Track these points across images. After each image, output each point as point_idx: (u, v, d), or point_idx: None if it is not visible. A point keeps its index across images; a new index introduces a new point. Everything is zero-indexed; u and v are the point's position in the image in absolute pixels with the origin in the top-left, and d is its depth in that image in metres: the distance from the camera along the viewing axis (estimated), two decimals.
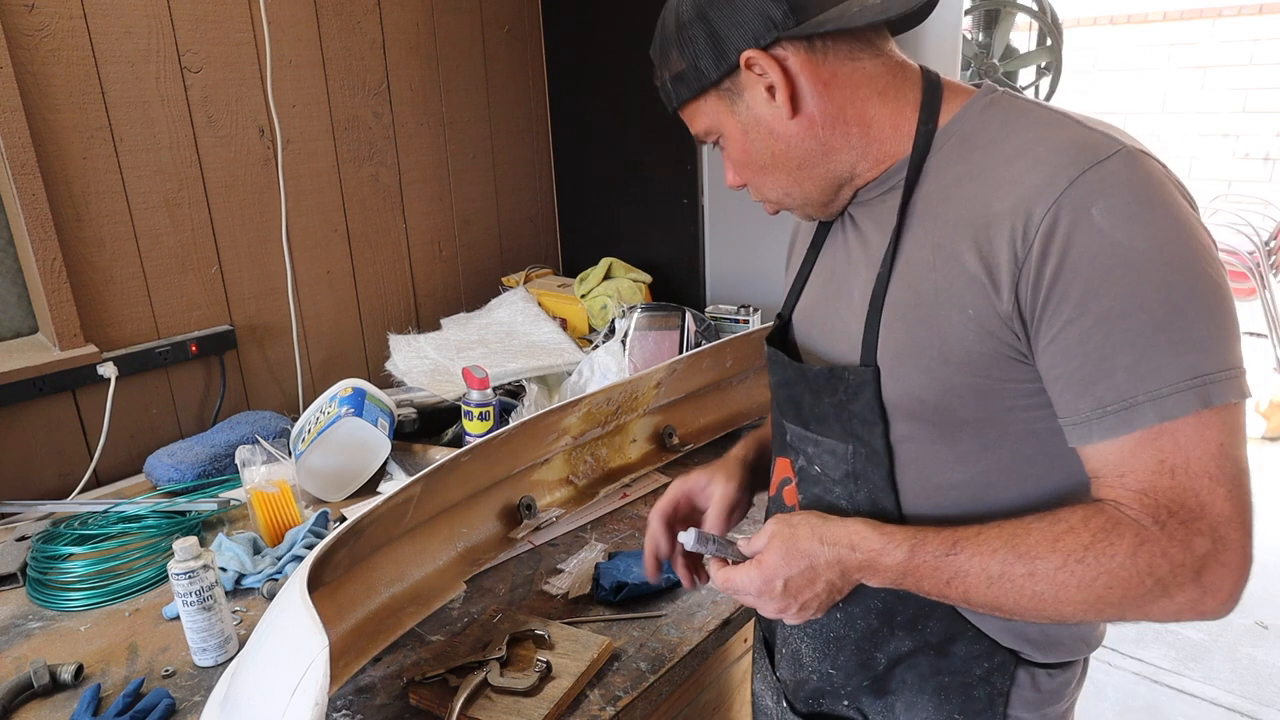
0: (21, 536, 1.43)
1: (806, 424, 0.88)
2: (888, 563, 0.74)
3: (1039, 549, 0.69)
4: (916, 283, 0.77)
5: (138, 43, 1.65)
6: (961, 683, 0.84)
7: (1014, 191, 0.70)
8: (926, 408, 0.77)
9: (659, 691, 1.08)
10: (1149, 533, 0.66)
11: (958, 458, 0.79)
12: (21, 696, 1.07)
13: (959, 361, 0.74)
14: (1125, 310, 0.65)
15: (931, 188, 0.78)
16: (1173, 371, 0.65)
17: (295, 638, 0.83)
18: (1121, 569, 0.66)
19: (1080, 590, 0.68)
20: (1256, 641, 2.73)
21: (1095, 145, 0.68)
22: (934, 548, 0.73)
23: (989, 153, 0.74)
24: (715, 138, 0.86)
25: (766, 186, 0.87)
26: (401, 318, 2.21)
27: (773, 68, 0.77)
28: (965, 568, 0.71)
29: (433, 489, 1.16)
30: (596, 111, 2.39)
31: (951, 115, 0.79)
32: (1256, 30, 6.07)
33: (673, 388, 1.59)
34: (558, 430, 1.39)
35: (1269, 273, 4.85)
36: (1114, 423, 0.67)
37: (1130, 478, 0.68)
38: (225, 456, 1.64)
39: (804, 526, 0.78)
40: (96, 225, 1.65)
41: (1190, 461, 0.65)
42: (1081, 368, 0.68)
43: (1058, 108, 0.76)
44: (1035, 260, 0.68)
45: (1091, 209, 0.66)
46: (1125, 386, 0.66)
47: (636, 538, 1.40)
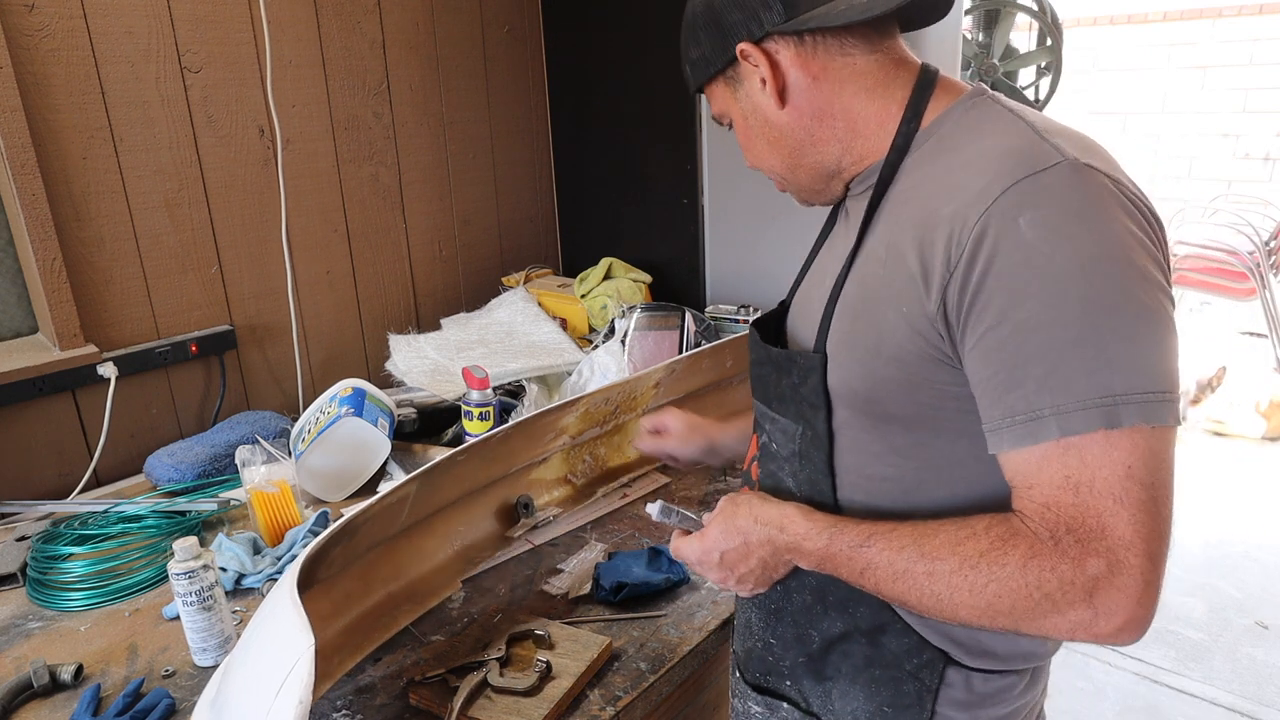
0: (21, 536, 1.43)
1: (769, 403, 0.92)
2: (809, 548, 0.79)
3: (941, 551, 0.71)
4: (867, 278, 0.79)
5: (138, 43, 1.65)
6: (892, 676, 0.86)
7: (957, 196, 0.71)
8: (859, 398, 0.80)
9: (659, 691, 1.08)
10: (1042, 546, 0.66)
11: (890, 450, 0.80)
12: (21, 696, 1.07)
13: (889, 356, 0.76)
14: (1041, 322, 0.65)
15: (901, 187, 0.80)
16: (1081, 388, 0.64)
17: (283, 637, 0.83)
18: (1010, 579, 0.67)
19: (971, 595, 0.69)
20: (1256, 641, 2.73)
21: (1037, 155, 0.69)
22: (850, 538, 0.76)
23: (951, 157, 0.76)
24: (727, 120, 0.92)
25: (768, 167, 0.92)
26: (401, 318, 2.21)
27: (762, 60, 0.82)
28: (875, 561, 0.74)
29: (429, 488, 1.16)
30: (596, 111, 2.39)
31: (934, 116, 0.80)
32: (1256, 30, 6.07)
33: (672, 388, 1.59)
34: (555, 430, 1.39)
35: (1269, 273, 4.85)
36: (1021, 433, 0.67)
37: (1036, 490, 0.68)
38: (225, 456, 1.64)
39: (744, 506, 0.85)
40: (96, 225, 1.65)
41: (1095, 481, 0.65)
42: (996, 375, 0.68)
43: (1032, 115, 0.75)
44: (964, 266, 0.68)
45: (1020, 218, 0.66)
46: (1034, 398, 0.66)
47: (636, 538, 1.40)
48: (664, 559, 1.27)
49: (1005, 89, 3.46)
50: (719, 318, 2.03)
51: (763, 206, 2.09)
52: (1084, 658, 2.69)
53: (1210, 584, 3.02)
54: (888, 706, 0.87)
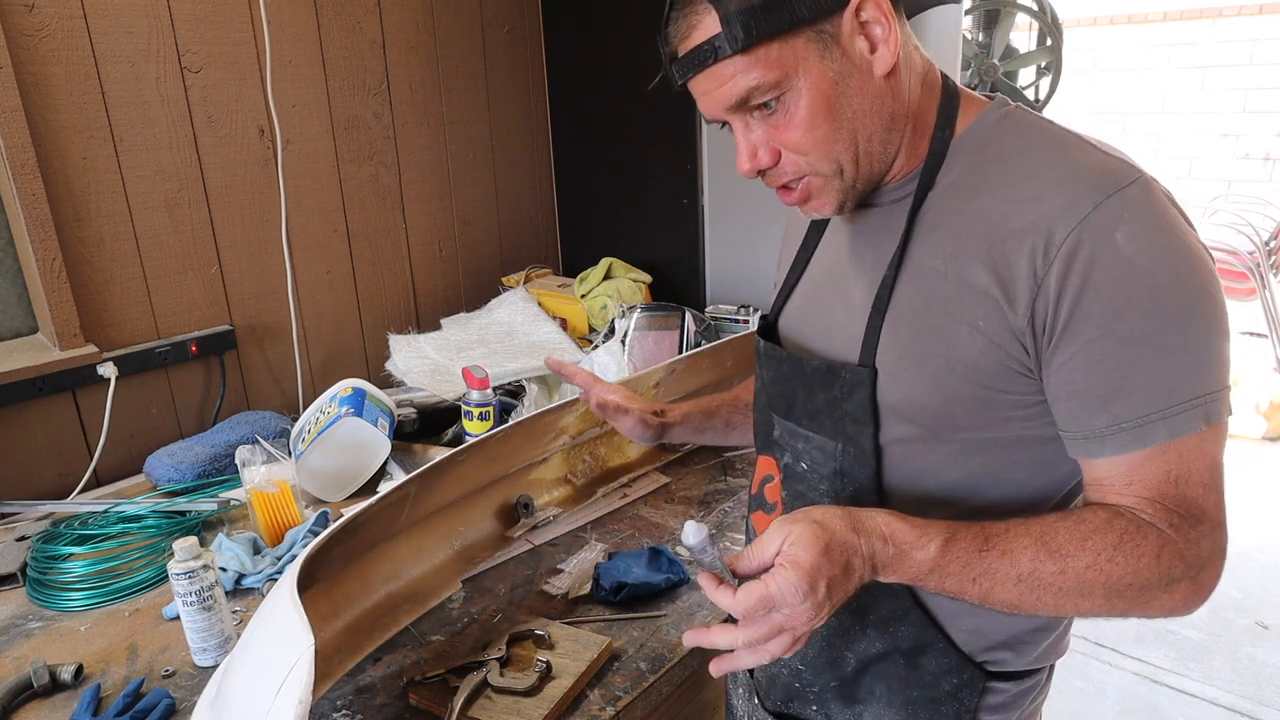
0: (21, 536, 1.43)
1: (798, 420, 0.87)
2: (919, 557, 0.71)
3: (1068, 548, 0.70)
4: (927, 290, 0.77)
5: (138, 43, 1.65)
6: (929, 697, 0.84)
7: (1032, 210, 0.71)
8: (926, 413, 0.77)
9: (659, 691, 1.08)
10: (1168, 536, 0.69)
11: (947, 460, 0.79)
12: (21, 696, 1.07)
13: (963, 371, 0.75)
14: (1145, 333, 0.68)
15: (946, 197, 0.78)
16: (1182, 391, 0.68)
17: (283, 637, 0.83)
18: (1147, 569, 0.69)
19: (1105, 589, 0.70)
20: (1256, 641, 2.73)
21: (1116, 171, 0.70)
22: (966, 543, 0.71)
23: (1005, 167, 0.75)
24: (775, 94, 0.74)
25: (828, 155, 0.77)
26: (401, 318, 2.21)
27: (890, 13, 0.73)
28: (994, 565, 0.71)
29: (429, 487, 1.16)
30: (596, 112, 2.39)
31: (966, 125, 0.79)
32: (1256, 30, 6.07)
33: (672, 388, 1.59)
34: (555, 429, 1.39)
35: (1269, 273, 4.85)
36: (1128, 439, 0.70)
37: (1138, 486, 0.71)
38: (225, 456, 1.64)
39: (834, 519, 0.70)
40: (96, 225, 1.65)
41: (1190, 473, 0.70)
42: (1100, 385, 0.70)
43: (1069, 128, 0.76)
44: (1056, 279, 0.69)
45: (1115, 233, 0.68)
46: (1141, 405, 0.69)
47: (636, 538, 1.40)
48: (664, 559, 1.27)
49: (1005, 89, 3.46)
50: (719, 318, 2.03)
51: (763, 206, 2.09)
52: (1084, 658, 2.69)
53: None
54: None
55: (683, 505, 1.49)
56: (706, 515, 1.45)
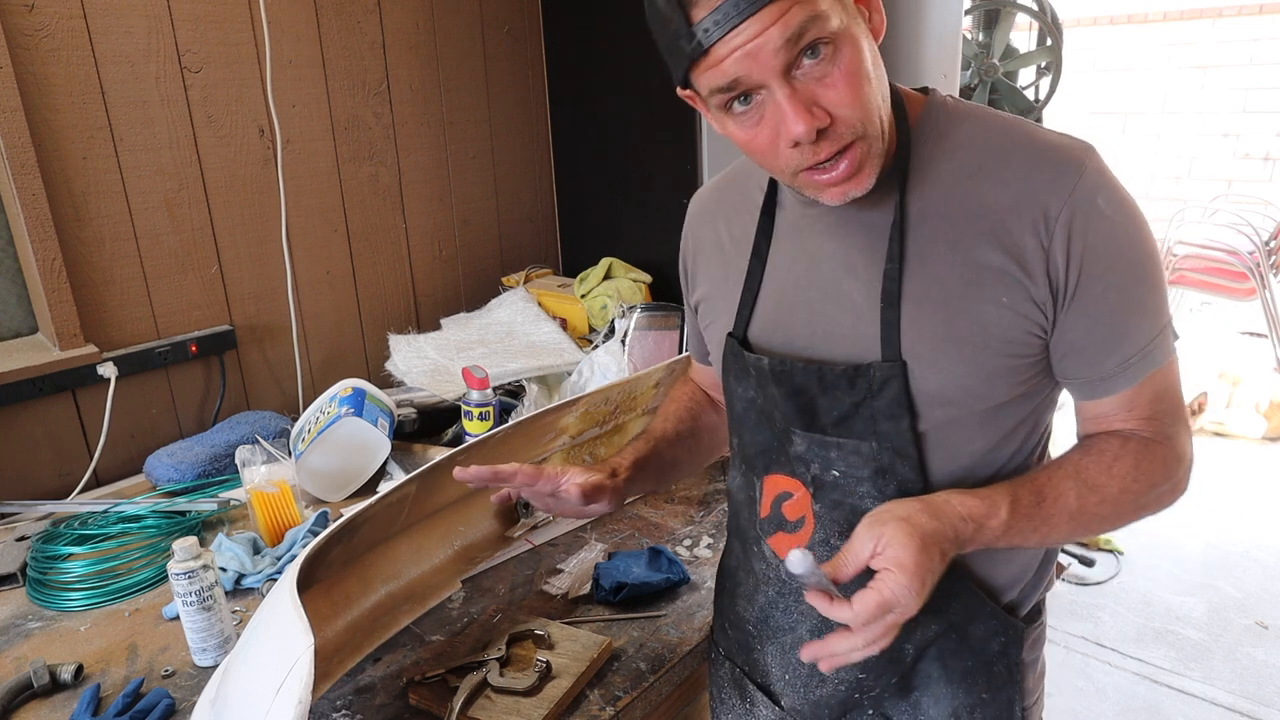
0: (21, 536, 1.43)
1: (824, 429, 0.84)
2: (994, 525, 0.77)
3: (1100, 478, 0.79)
4: (941, 278, 0.79)
5: (138, 43, 1.65)
6: (983, 663, 0.88)
7: (1019, 188, 0.77)
8: (969, 392, 0.80)
9: (659, 691, 1.08)
10: (1166, 445, 0.81)
11: (978, 428, 0.84)
12: (21, 696, 1.07)
13: (997, 346, 0.79)
14: (1132, 280, 0.78)
15: (924, 186, 0.81)
16: (1161, 319, 0.80)
17: (282, 636, 0.83)
18: (1160, 479, 0.80)
19: (1134, 504, 0.81)
20: (1256, 641, 2.73)
21: (1077, 146, 0.79)
22: (1028, 500, 0.78)
23: (976, 152, 0.80)
24: (814, 39, 0.69)
25: (873, 116, 0.74)
26: (401, 318, 2.21)
27: None
28: (1051, 513, 0.79)
29: (429, 487, 1.16)
30: (596, 111, 2.39)
31: (917, 118, 0.83)
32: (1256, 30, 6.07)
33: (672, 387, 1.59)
34: (555, 430, 1.39)
35: (1269, 273, 4.85)
36: (1135, 372, 0.80)
37: (1137, 409, 0.82)
38: (225, 456, 1.64)
39: (917, 513, 0.73)
40: (96, 225, 1.65)
41: (1171, 383, 0.82)
42: (1108, 331, 0.79)
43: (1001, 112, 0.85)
44: (1060, 247, 0.76)
45: (1097, 199, 0.76)
46: (1141, 341, 0.79)
47: (636, 537, 1.40)
48: (664, 559, 1.28)
49: (1005, 89, 3.46)
50: None
51: None
52: (1084, 658, 2.69)
53: (1210, 584, 3.02)
54: (985, 693, 0.89)
55: (682, 505, 1.49)
56: (706, 515, 1.45)
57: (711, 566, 1.31)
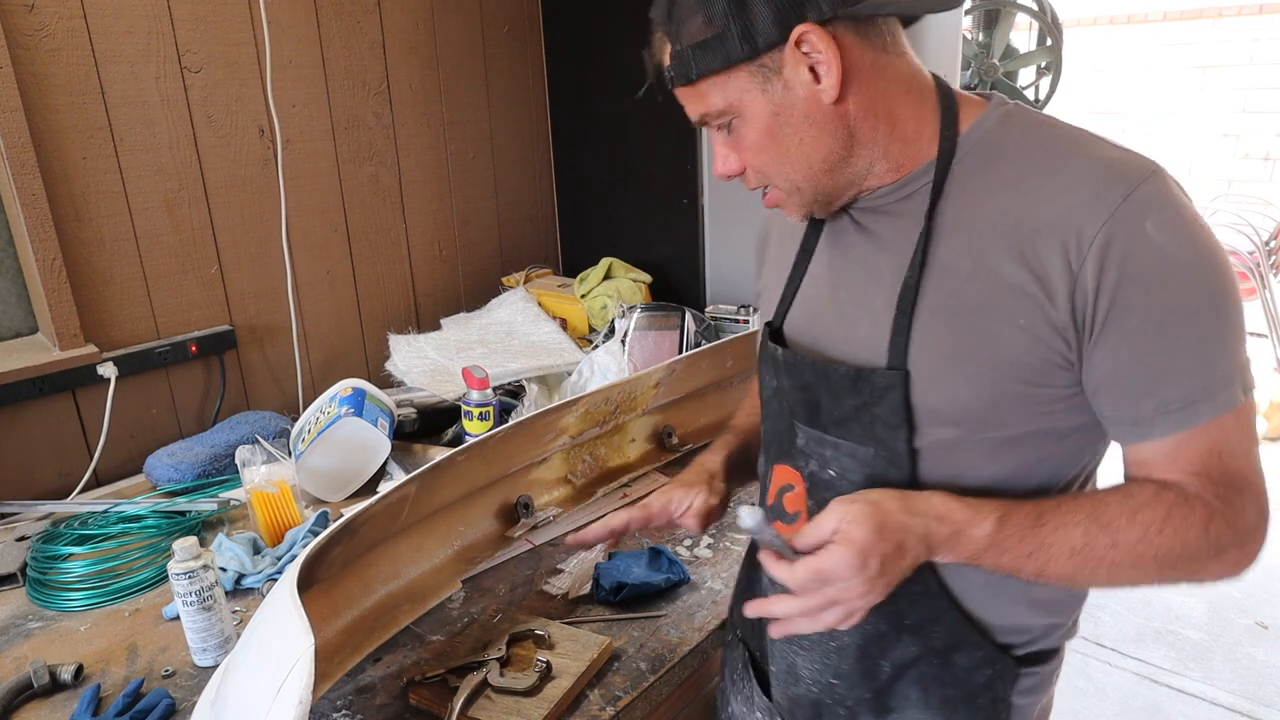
0: (21, 536, 1.43)
1: (825, 427, 0.85)
2: (975, 534, 0.74)
3: (1119, 521, 0.73)
4: (958, 291, 0.76)
5: (138, 43, 1.65)
6: (966, 693, 0.84)
7: (1056, 206, 0.72)
8: (970, 414, 0.77)
9: (659, 691, 1.08)
10: (1215, 506, 0.72)
11: (983, 458, 0.79)
12: (21, 696, 1.07)
13: (1008, 370, 0.75)
14: (1182, 318, 0.70)
15: (960, 197, 0.78)
16: (1220, 368, 0.71)
17: (283, 637, 0.83)
18: (1196, 541, 0.72)
19: (1156, 561, 0.72)
20: (1256, 641, 2.73)
21: (1135, 164, 0.72)
22: (1021, 519, 0.74)
23: (1018, 165, 0.76)
24: (726, 119, 0.80)
25: (780, 175, 0.81)
26: (401, 318, 2.21)
27: (829, 46, 0.73)
28: (1050, 539, 0.73)
29: (429, 488, 1.16)
30: (596, 111, 2.39)
31: (969, 123, 0.79)
32: (1256, 30, 6.07)
33: (672, 388, 1.59)
34: (555, 430, 1.39)
35: (1269, 273, 4.85)
36: (1177, 420, 0.72)
37: (1183, 462, 0.73)
38: (225, 456, 1.64)
39: (888, 500, 0.74)
40: (96, 225, 1.65)
41: (1232, 444, 0.73)
42: (1146, 371, 0.72)
43: (1071, 124, 0.78)
44: (1092, 273, 0.70)
45: (1145, 224, 0.70)
46: (1186, 386, 0.71)
47: (636, 537, 1.40)
48: (664, 559, 1.27)
49: (1005, 89, 3.46)
50: (719, 318, 2.03)
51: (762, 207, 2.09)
52: (1084, 658, 2.69)
53: None
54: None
55: None
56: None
57: (712, 566, 1.31)
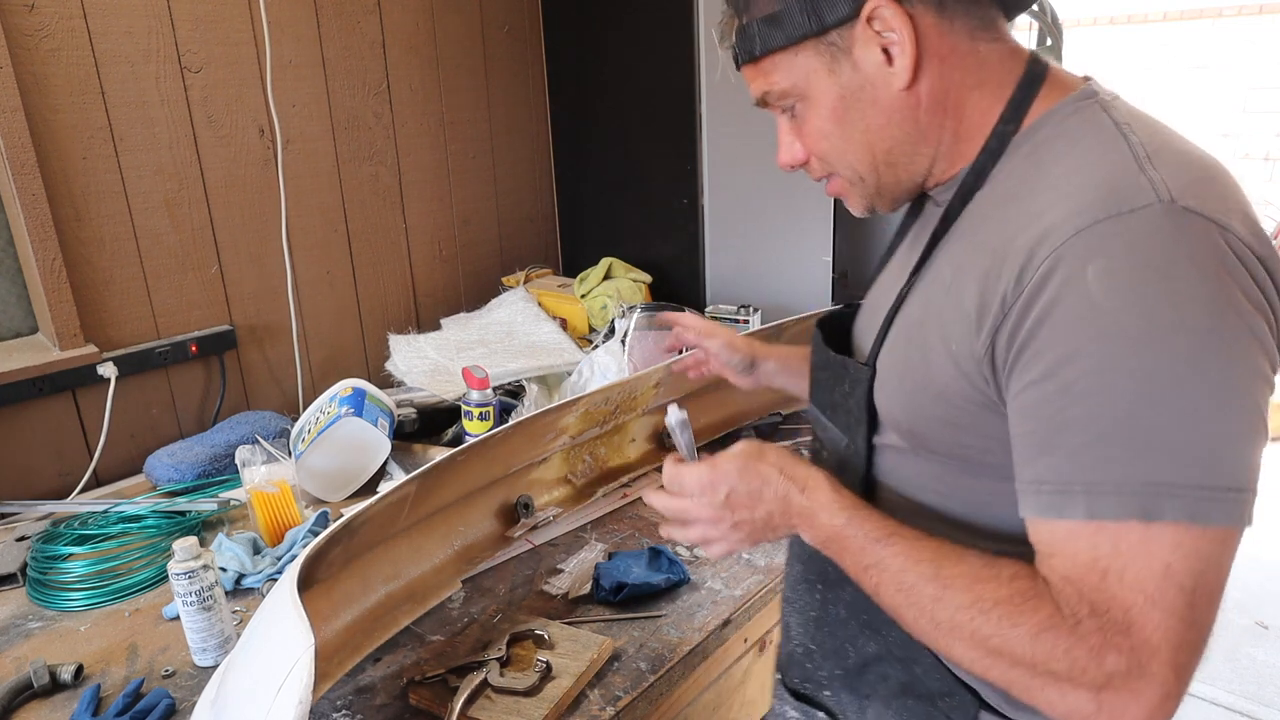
0: (21, 536, 1.43)
1: (823, 409, 0.88)
2: (824, 520, 0.73)
3: (957, 581, 0.64)
4: (930, 300, 0.73)
5: (138, 43, 1.65)
6: (925, 709, 0.81)
7: (1033, 227, 0.62)
8: (900, 427, 0.76)
9: (659, 691, 1.08)
10: (1059, 621, 0.59)
11: (934, 479, 0.76)
12: (21, 696, 1.07)
13: (935, 394, 0.70)
14: (1088, 389, 0.58)
15: (983, 203, 0.71)
16: (1121, 469, 0.57)
17: (283, 637, 0.83)
18: (1017, 642, 0.61)
19: (971, 640, 0.63)
20: (1256, 641, 2.73)
21: (1126, 191, 0.59)
22: (869, 528, 0.70)
23: (1041, 173, 0.67)
24: (789, 101, 0.75)
25: (844, 163, 0.77)
26: (401, 318, 2.21)
27: (904, 25, 0.67)
28: (887, 562, 0.68)
29: (429, 488, 1.16)
30: (596, 111, 2.39)
31: (1034, 119, 0.70)
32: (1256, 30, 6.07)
33: (672, 388, 1.59)
34: (555, 430, 1.39)
35: None
36: (1046, 503, 0.61)
37: (1057, 560, 0.61)
38: (225, 456, 1.64)
39: (772, 453, 0.77)
40: (96, 225, 1.65)
41: (1126, 571, 0.57)
42: (1034, 434, 0.62)
43: (1143, 130, 0.65)
44: (1018, 309, 0.61)
45: (1088, 266, 0.58)
46: (1064, 469, 0.60)
47: (636, 537, 1.40)
48: (664, 559, 1.27)
49: None
50: (719, 318, 2.03)
51: (763, 206, 2.09)
52: None
53: None
54: None
55: None
56: None
57: (712, 566, 1.31)
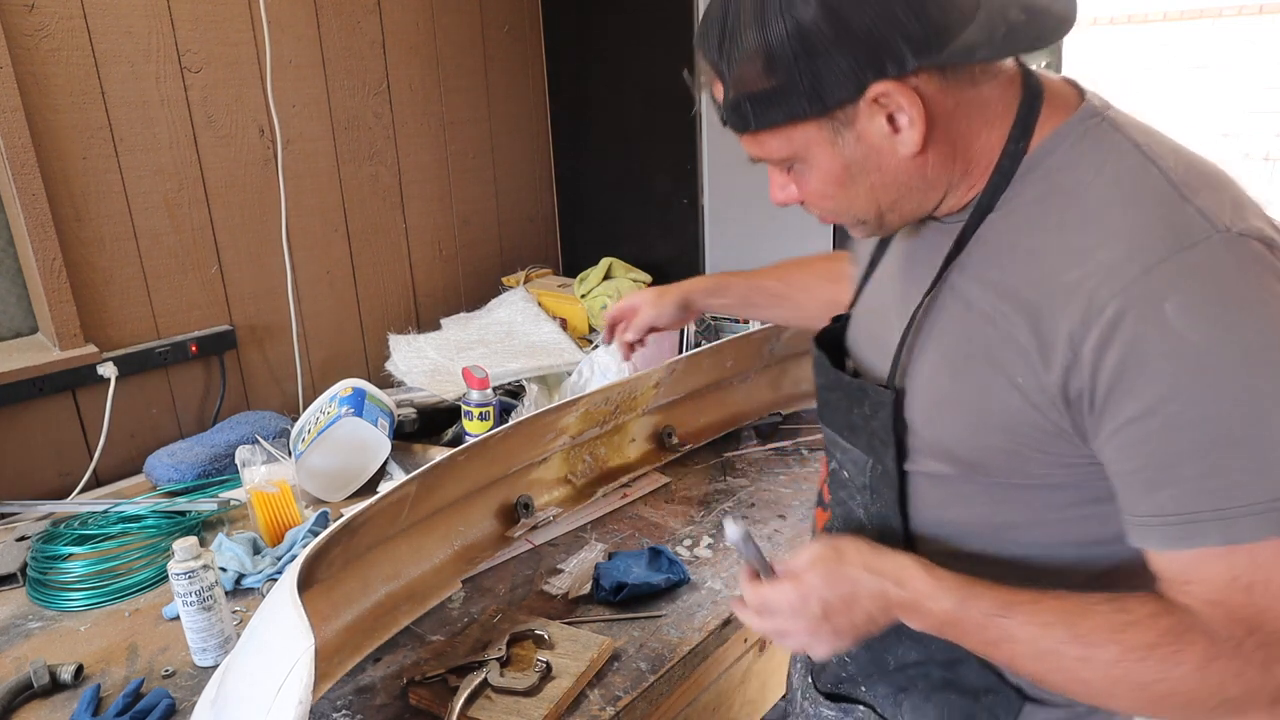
0: (21, 536, 1.43)
1: (839, 430, 0.87)
2: (932, 608, 0.70)
3: (1097, 636, 0.64)
4: (970, 330, 0.71)
5: (138, 43, 1.65)
6: (966, 706, 0.83)
7: (1084, 264, 0.63)
8: (959, 458, 0.75)
9: (659, 691, 1.08)
10: (1221, 648, 0.60)
11: (973, 497, 0.76)
12: (21, 696, 1.07)
13: (997, 425, 0.70)
14: (1196, 418, 0.59)
15: (1002, 226, 0.71)
16: (1246, 492, 0.58)
17: (283, 637, 0.83)
18: (1186, 679, 0.61)
19: (1135, 690, 0.63)
20: None
21: (1183, 227, 0.61)
22: (985, 605, 0.68)
23: (1070, 203, 0.66)
24: (789, 163, 0.74)
25: (846, 215, 0.77)
26: (401, 318, 2.21)
27: (913, 102, 0.65)
28: (1015, 634, 0.67)
29: (429, 488, 1.16)
30: (597, 111, 2.39)
31: (1043, 138, 0.70)
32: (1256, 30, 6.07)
33: (672, 388, 1.59)
34: (555, 430, 1.39)
35: None
36: (1175, 534, 0.62)
37: (1197, 586, 0.62)
38: (225, 456, 1.64)
39: (852, 551, 0.74)
40: (96, 225, 1.65)
41: (1271, 582, 0.59)
42: (1143, 470, 0.62)
43: (1157, 152, 0.66)
44: (1093, 349, 0.62)
45: (1165, 304, 0.59)
46: (1189, 499, 0.60)
47: (636, 537, 1.40)
48: (664, 559, 1.27)
49: None
50: (719, 318, 2.03)
51: (763, 207, 2.09)
52: None
53: None
54: None
55: (683, 505, 1.49)
56: (706, 515, 1.45)
57: (712, 566, 1.31)
